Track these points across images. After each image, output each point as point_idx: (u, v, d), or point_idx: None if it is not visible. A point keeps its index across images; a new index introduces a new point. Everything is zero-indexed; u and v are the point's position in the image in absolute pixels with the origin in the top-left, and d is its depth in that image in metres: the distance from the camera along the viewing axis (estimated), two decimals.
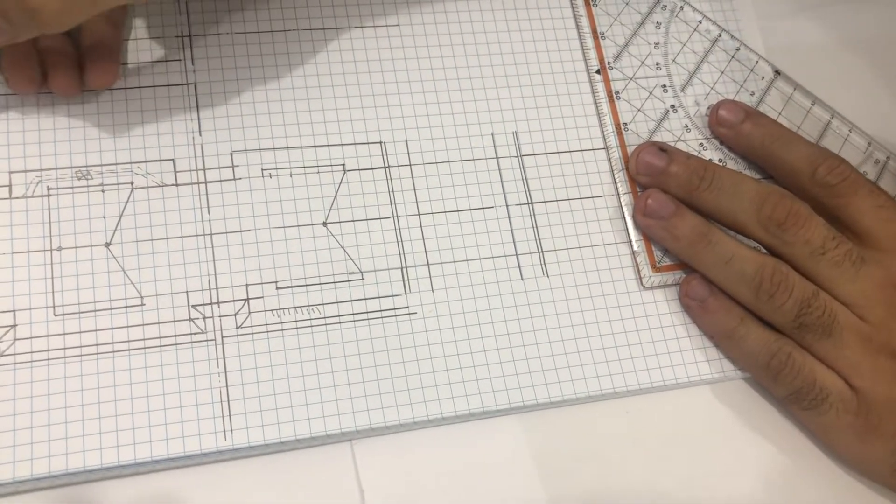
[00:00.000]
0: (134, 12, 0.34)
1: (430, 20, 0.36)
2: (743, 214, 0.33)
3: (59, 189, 0.31)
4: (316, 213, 0.33)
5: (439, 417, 0.31)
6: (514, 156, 0.35)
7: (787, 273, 0.32)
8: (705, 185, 0.34)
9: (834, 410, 0.31)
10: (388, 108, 0.35)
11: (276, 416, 0.30)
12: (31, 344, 0.29)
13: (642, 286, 0.34)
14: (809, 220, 0.32)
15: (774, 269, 0.32)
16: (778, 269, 0.32)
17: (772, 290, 0.32)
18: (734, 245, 0.33)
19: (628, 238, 0.35)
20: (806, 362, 0.32)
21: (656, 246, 0.35)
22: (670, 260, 0.35)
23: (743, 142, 0.36)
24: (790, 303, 0.32)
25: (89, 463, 0.28)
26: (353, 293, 0.32)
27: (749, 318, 0.33)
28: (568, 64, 0.37)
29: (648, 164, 0.35)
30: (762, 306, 0.32)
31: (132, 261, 0.31)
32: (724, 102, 0.37)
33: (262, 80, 0.34)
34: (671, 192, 0.35)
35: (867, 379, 0.31)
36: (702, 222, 0.34)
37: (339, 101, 0.34)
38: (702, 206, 0.34)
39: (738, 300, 0.33)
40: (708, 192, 0.34)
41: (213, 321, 0.31)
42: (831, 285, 0.32)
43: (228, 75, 0.34)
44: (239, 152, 0.33)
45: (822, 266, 0.32)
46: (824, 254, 0.32)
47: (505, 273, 0.34)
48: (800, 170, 0.34)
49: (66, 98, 0.32)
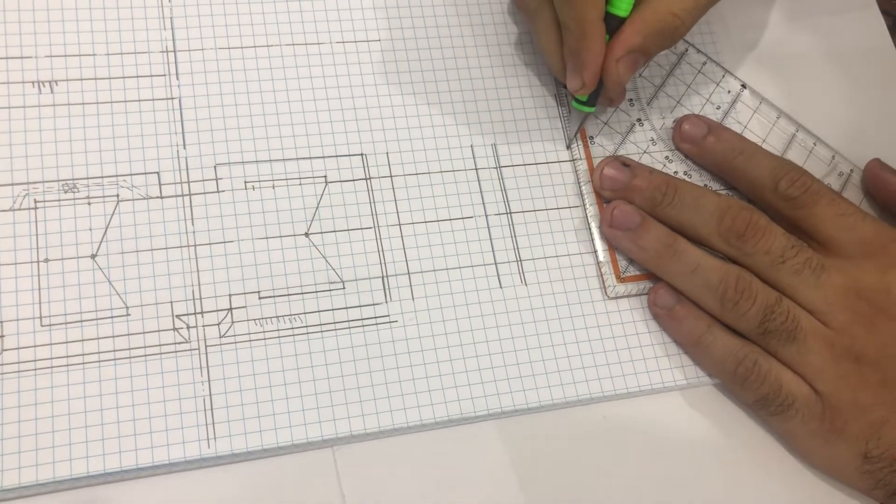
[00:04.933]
0: (120, 27, 0.35)
1: (411, 35, 0.37)
2: (705, 228, 0.34)
3: (46, 202, 0.32)
4: (298, 223, 0.33)
5: (419, 424, 0.32)
6: (494, 167, 0.36)
7: (750, 281, 0.33)
8: (668, 200, 0.35)
9: (800, 416, 0.32)
10: (369, 120, 0.36)
11: (259, 424, 0.30)
12: (18, 354, 0.30)
13: (606, 296, 0.35)
14: (768, 230, 0.33)
15: (738, 277, 0.33)
16: (742, 276, 0.33)
17: (736, 298, 0.33)
18: (699, 254, 0.34)
19: (594, 248, 0.36)
20: (772, 369, 0.33)
21: (621, 256, 0.36)
22: (636, 270, 0.36)
23: (706, 157, 0.37)
24: (754, 309, 0.33)
25: (76, 471, 0.29)
26: (335, 302, 0.33)
27: (716, 326, 0.34)
28: (545, 77, 0.38)
29: (611, 179, 0.36)
30: (727, 314, 0.33)
31: (118, 272, 0.31)
32: (687, 117, 0.38)
33: (246, 95, 0.35)
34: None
35: (831, 383, 0.32)
36: (667, 233, 0.34)
37: (321, 115, 0.35)
38: (665, 220, 0.35)
39: (704, 308, 0.34)
40: (670, 208, 0.35)
41: (198, 331, 0.31)
42: (794, 292, 0.33)
43: (212, 90, 0.34)
44: (222, 165, 0.34)
45: (783, 274, 0.33)
46: (784, 262, 0.33)
47: (484, 282, 0.34)
48: (762, 183, 0.35)
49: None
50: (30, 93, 0.33)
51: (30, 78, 0.33)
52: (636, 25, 0.33)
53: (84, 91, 0.33)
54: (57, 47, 0.34)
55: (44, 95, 0.33)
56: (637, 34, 0.33)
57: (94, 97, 0.33)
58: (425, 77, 0.37)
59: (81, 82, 0.33)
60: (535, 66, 0.38)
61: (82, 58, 0.34)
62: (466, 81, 0.37)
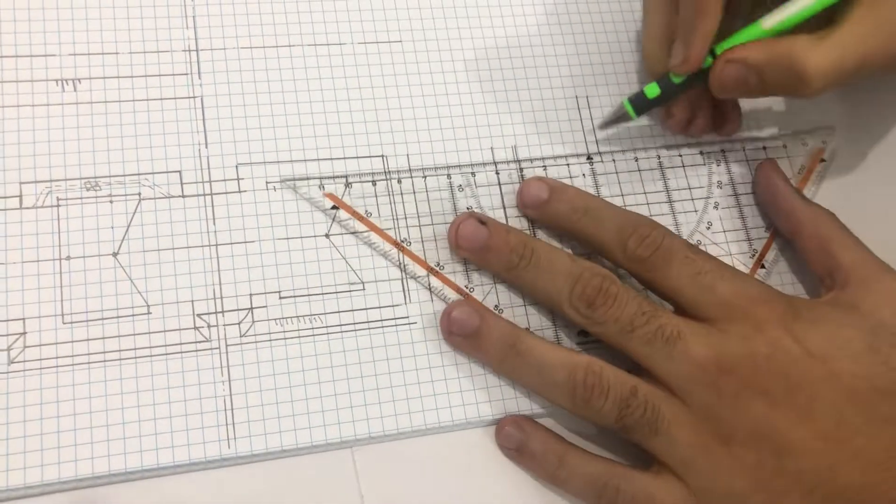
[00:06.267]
0: (143, 25, 0.35)
1: (432, 36, 0.37)
2: (557, 295, 0.31)
3: (69, 199, 0.32)
4: (319, 224, 0.33)
5: (437, 426, 0.32)
6: (515, 169, 0.36)
7: (599, 373, 0.30)
8: (524, 263, 0.32)
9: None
10: (389, 122, 0.36)
11: (279, 425, 0.31)
12: (40, 351, 0.30)
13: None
14: (620, 297, 0.30)
15: (587, 371, 0.30)
16: (590, 370, 0.30)
17: (586, 396, 0.30)
18: (542, 351, 0.31)
19: None
20: (637, 492, 0.30)
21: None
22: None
23: (550, 221, 0.34)
24: (608, 405, 0.30)
25: (97, 470, 0.29)
26: (355, 303, 0.33)
27: (570, 454, 0.31)
28: (567, 79, 0.38)
29: (467, 238, 0.33)
30: (581, 412, 0.30)
31: (139, 270, 0.32)
32: (530, 181, 0.35)
33: (268, 94, 0.35)
34: (492, 269, 0.33)
35: (703, 476, 0.29)
36: (508, 332, 0.32)
37: (343, 115, 0.35)
38: (521, 284, 0.33)
39: (558, 405, 0.31)
40: (526, 272, 0.32)
41: (218, 329, 0.31)
42: (649, 364, 0.30)
43: (234, 89, 0.34)
44: (244, 165, 0.34)
45: (633, 344, 0.30)
46: (633, 331, 0.30)
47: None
48: (610, 246, 0.32)
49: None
50: (53, 91, 0.33)
51: (53, 76, 0.33)
52: (765, 43, 0.32)
53: (107, 89, 0.33)
54: (80, 45, 0.34)
55: (67, 93, 0.33)
56: (762, 51, 0.32)
57: (116, 95, 0.33)
58: (446, 78, 0.37)
59: (104, 80, 0.34)
60: (558, 67, 0.38)
61: (105, 56, 0.34)
62: (487, 83, 0.37)
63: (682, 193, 0.37)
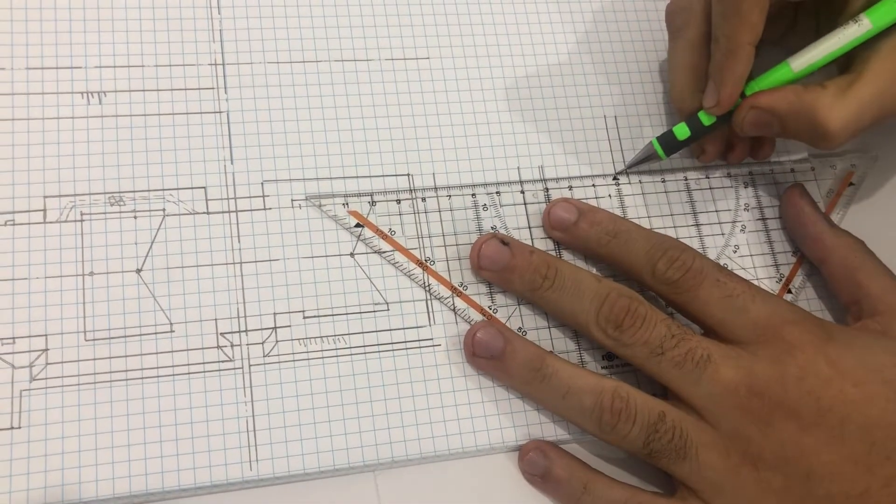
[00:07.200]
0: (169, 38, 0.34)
1: (460, 54, 0.37)
2: (583, 315, 0.31)
3: (93, 214, 0.32)
4: (344, 243, 0.33)
5: (460, 451, 0.31)
6: (541, 189, 0.36)
7: (627, 398, 0.30)
8: (548, 283, 0.32)
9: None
10: (416, 140, 0.35)
11: (301, 448, 0.30)
12: (62, 368, 0.30)
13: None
14: (649, 319, 0.30)
15: (614, 395, 0.30)
16: (618, 395, 0.30)
17: (613, 422, 0.29)
18: (569, 374, 0.31)
19: None
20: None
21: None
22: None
23: (579, 244, 0.34)
24: (635, 431, 0.29)
25: (118, 491, 0.28)
26: (379, 324, 0.32)
27: (594, 481, 0.31)
28: (595, 98, 0.38)
29: (489, 259, 0.33)
30: (608, 437, 0.30)
31: (162, 287, 0.31)
32: (557, 202, 0.34)
33: (294, 111, 0.34)
34: (515, 290, 0.33)
35: (730, 500, 0.29)
36: (535, 355, 0.31)
37: (369, 133, 0.35)
38: (545, 305, 0.33)
39: (585, 430, 0.31)
40: (550, 292, 0.32)
41: (241, 349, 0.31)
42: (678, 388, 0.30)
43: (261, 104, 0.34)
44: (270, 182, 0.33)
45: (663, 367, 0.30)
46: (663, 353, 0.30)
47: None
48: (640, 269, 0.32)
49: None
50: (78, 103, 0.33)
51: (79, 88, 0.33)
52: (791, 93, 0.32)
53: (132, 103, 0.33)
54: (106, 58, 0.33)
55: (92, 106, 0.33)
56: (787, 102, 0.32)
57: (142, 109, 0.33)
58: (473, 96, 0.36)
59: (130, 94, 0.33)
60: (586, 87, 0.38)
61: (131, 69, 0.34)
62: (515, 101, 0.37)
63: (710, 216, 0.37)
